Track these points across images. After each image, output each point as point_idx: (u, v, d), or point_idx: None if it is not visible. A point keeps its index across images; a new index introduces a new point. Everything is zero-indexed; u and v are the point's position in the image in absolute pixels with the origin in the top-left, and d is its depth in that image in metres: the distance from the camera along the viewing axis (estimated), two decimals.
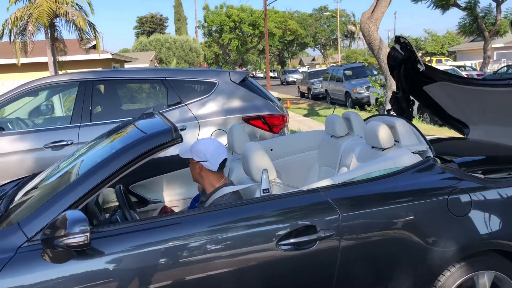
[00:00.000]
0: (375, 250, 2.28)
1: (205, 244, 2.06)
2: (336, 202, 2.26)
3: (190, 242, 2.05)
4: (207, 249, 2.06)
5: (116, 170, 2.06)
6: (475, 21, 19.77)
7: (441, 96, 3.69)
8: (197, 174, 2.64)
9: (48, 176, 2.62)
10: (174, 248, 2.02)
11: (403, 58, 3.51)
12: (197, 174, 2.64)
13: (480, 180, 2.50)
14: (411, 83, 3.67)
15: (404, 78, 3.63)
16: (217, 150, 2.61)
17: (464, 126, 3.89)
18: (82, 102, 4.53)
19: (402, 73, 3.61)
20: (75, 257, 1.90)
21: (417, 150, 2.63)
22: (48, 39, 15.06)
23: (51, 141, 4.34)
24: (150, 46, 39.49)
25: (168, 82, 4.68)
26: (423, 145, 2.68)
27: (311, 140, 3.75)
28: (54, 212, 1.95)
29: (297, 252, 2.15)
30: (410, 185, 2.40)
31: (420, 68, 3.44)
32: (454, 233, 2.38)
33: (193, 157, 2.60)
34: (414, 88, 3.73)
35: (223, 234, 2.10)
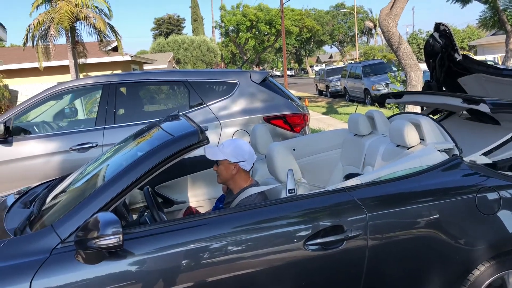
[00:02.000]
0: (403, 249, 2.27)
1: (232, 244, 2.08)
2: (363, 202, 2.26)
3: (218, 243, 2.07)
4: (235, 250, 2.08)
5: (145, 172, 2.10)
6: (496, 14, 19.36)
7: (476, 89, 3.62)
8: (231, 175, 2.65)
9: (78, 179, 2.68)
10: (203, 248, 2.05)
11: (441, 47, 3.47)
12: (231, 175, 2.64)
13: (508, 177, 2.47)
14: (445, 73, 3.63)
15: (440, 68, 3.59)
16: (251, 150, 2.68)
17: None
18: (106, 104, 4.60)
19: (438, 62, 3.56)
20: (107, 258, 1.94)
21: (443, 148, 2.60)
22: (69, 43, 15.32)
23: (77, 144, 4.42)
24: (168, 47, 39.80)
25: (190, 83, 4.72)
26: (449, 143, 2.66)
27: (334, 139, 3.75)
28: (86, 214, 1.99)
29: (325, 252, 2.16)
30: (437, 184, 2.38)
31: (457, 58, 3.38)
32: (483, 232, 2.36)
33: (228, 158, 2.62)
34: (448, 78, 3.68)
35: (249, 235, 2.11)
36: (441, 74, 3.70)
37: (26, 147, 4.43)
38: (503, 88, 3.41)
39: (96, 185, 2.25)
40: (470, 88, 3.72)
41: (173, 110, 4.70)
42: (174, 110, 4.65)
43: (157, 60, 30.21)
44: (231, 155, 2.61)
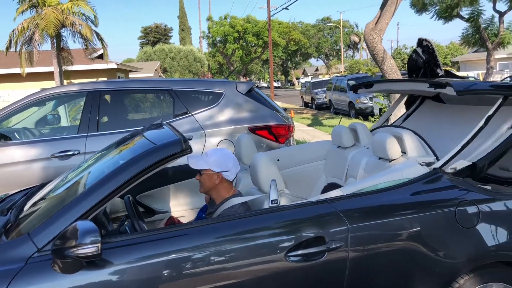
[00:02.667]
0: (383, 261, 2.28)
1: (214, 255, 2.07)
2: (345, 213, 2.26)
3: (199, 253, 2.06)
4: (215, 260, 2.06)
5: (126, 180, 2.07)
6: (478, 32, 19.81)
7: None
8: (213, 185, 2.63)
9: (57, 186, 2.64)
10: (183, 259, 2.03)
11: (424, 62, 3.52)
12: (214, 185, 2.63)
13: (488, 191, 2.50)
14: None
15: None
16: (235, 160, 2.67)
17: None
18: (90, 112, 4.56)
19: (420, 77, 3.61)
20: (85, 267, 1.90)
21: (425, 162, 2.63)
22: (54, 49, 15.18)
23: (58, 151, 4.36)
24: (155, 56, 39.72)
25: (175, 92, 4.71)
26: (431, 157, 2.69)
27: (317, 151, 3.76)
28: (64, 223, 1.96)
29: (306, 263, 2.15)
30: (418, 197, 2.40)
31: (439, 73, 3.44)
32: (462, 245, 2.38)
33: (211, 168, 2.60)
34: None
35: (231, 245, 2.10)
36: None
37: (7, 153, 4.35)
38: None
39: (76, 193, 2.21)
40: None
41: (158, 118, 4.68)
42: (158, 118, 4.63)
43: (143, 68, 30.12)
44: (214, 164, 2.60)
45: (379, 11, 11.40)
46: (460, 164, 2.54)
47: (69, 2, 14.95)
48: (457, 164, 2.54)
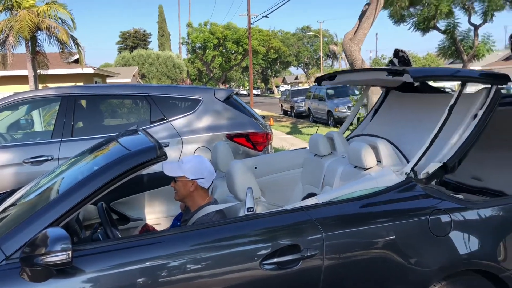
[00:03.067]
0: (357, 269, 2.29)
1: (188, 263, 2.04)
2: (320, 221, 2.27)
3: (173, 261, 2.03)
4: (190, 269, 2.04)
5: (100, 187, 2.04)
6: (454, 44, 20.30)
7: None
8: (188, 192, 2.61)
9: (28, 193, 2.58)
10: (157, 267, 2.00)
11: None
12: (188, 192, 2.60)
13: (460, 201, 2.55)
14: None
15: None
16: (211, 167, 2.65)
17: None
18: (64, 117, 4.47)
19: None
20: (55, 275, 1.85)
21: (399, 170, 2.67)
22: (29, 52, 14.90)
23: (31, 156, 4.26)
24: (133, 61, 39.38)
25: (152, 98, 4.66)
26: (405, 166, 2.72)
27: (295, 159, 3.78)
28: (34, 230, 1.91)
29: (281, 271, 2.15)
30: (392, 205, 2.43)
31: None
32: (435, 253, 2.41)
33: (186, 175, 2.58)
34: None
35: (206, 253, 2.08)
36: None
37: None
38: None
39: (48, 200, 2.16)
40: None
41: (134, 124, 4.63)
42: (135, 124, 4.58)
43: (121, 73, 29.81)
44: (189, 171, 2.57)
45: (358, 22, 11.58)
46: (432, 167, 2.57)
47: (46, 5, 14.73)
48: (429, 168, 2.58)
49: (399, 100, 3.72)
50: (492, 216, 2.56)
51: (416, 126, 3.22)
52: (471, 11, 19.26)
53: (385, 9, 18.01)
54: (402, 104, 3.64)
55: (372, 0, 11.17)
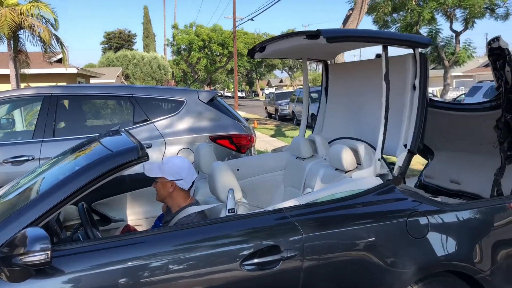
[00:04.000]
0: (337, 271, 2.33)
1: (169, 263, 2.05)
2: (300, 223, 2.30)
3: (154, 262, 2.04)
4: (171, 269, 2.05)
5: (80, 187, 2.03)
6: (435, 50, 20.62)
7: None
8: (168, 193, 2.62)
9: (8, 192, 2.55)
10: (138, 267, 2.00)
11: None
12: (168, 193, 2.61)
13: (437, 203, 2.60)
14: None
15: None
16: (191, 168, 2.64)
17: (429, 151, 4.01)
18: (46, 117, 4.43)
19: None
20: (33, 276, 1.85)
21: (378, 173, 2.71)
22: (11, 51, 14.68)
23: (11, 156, 4.21)
24: (117, 62, 39.08)
25: (135, 99, 4.65)
26: (384, 169, 2.77)
27: (277, 161, 3.80)
28: (13, 229, 1.90)
29: (261, 272, 2.17)
30: (371, 207, 2.47)
31: None
32: (412, 255, 2.46)
33: (165, 176, 2.58)
34: None
35: (187, 254, 2.09)
36: None
37: None
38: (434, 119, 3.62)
39: (27, 199, 2.15)
40: None
41: (117, 125, 4.61)
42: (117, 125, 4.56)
43: (105, 74, 29.58)
44: (168, 172, 2.58)
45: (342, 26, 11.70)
46: (400, 159, 2.64)
47: (28, 4, 14.55)
48: (398, 161, 2.64)
49: (340, 73, 3.76)
50: (469, 219, 2.62)
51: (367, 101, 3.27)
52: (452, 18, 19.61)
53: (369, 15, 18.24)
54: (344, 76, 3.68)
55: (356, 6, 11.31)
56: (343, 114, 3.66)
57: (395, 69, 2.77)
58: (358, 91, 3.43)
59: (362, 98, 3.36)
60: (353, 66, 3.63)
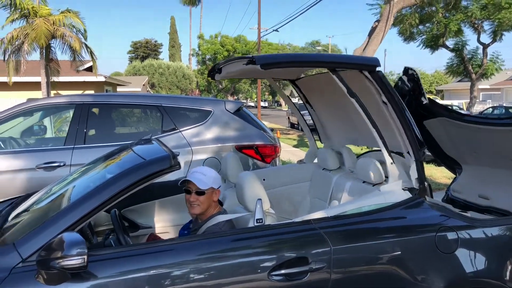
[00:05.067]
0: (364, 284, 2.32)
1: (198, 272, 2.08)
2: (328, 235, 2.30)
3: (184, 269, 2.07)
4: (200, 277, 2.08)
5: (115, 194, 2.09)
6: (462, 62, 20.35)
7: (439, 132, 3.77)
8: (211, 203, 2.64)
9: (43, 197, 2.64)
10: (168, 274, 2.04)
11: (409, 90, 3.60)
12: (211, 202, 2.64)
13: (467, 218, 2.57)
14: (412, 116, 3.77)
15: None
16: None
17: (457, 165, 3.95)
18: (77, 124, 4.56)
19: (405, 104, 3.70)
20: (69, 279, 1.90)
21: (407, 187, 2.70)
22: (43, 59, 15.13)
23: (44, 162, 4.34)
24: (143, 71, 39.76)
25: (164, 108, 4.74)
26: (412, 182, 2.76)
27: (303, 172, 3.82)
28: (50, 234, 1.97)
29: (289, 283, 2.18)
30: (400, 221, 2.46)
31: (423, 101, 3.52)
32: (441, 270, 2.43)
33: (213, 186, 2.62)
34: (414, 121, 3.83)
35: (216, 263, 2.12)
36: None
37: None
38: (463, 132, 3.58)
39: (62, 205, 2.22)
40: (434, 131, 3.88)
41: (145, 133, 4.70)
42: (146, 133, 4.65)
43: (132, 83, 30.09)
44: (214, 182, 2.63)
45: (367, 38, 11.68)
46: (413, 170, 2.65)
47: (61, 14, 15.00)
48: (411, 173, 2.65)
49: (311, 85, 3.70)
50: (499, 235, 2.58)
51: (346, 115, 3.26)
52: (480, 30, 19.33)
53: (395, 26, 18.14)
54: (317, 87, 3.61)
55: (382, 18, 11.28)
56: (339, 117, 3.60)
57: (362, 84, 2.69)
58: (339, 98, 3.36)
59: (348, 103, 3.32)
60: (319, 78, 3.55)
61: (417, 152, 2.63)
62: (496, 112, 21.32)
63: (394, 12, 11.41)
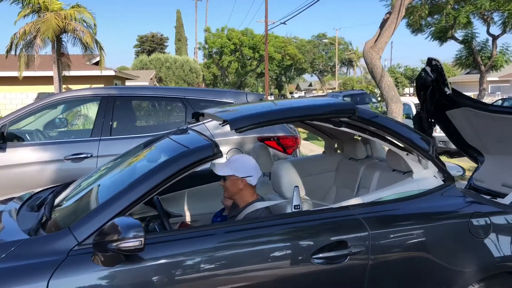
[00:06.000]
0: (400, 267, 2.39)
1: (244, 255, 2.16)
2: (366, 220, 2.38)
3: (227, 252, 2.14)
4: (243, 262, 2.15)
5: (162, 180, 2.17)
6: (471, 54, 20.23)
7: (462, 122, 3.81)
8: (238, 190, 2.72)
9: (87, 184, 2.73)
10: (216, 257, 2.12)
11: (432, 80, 3.65)
12: (238, 189, 2.72)
13: (499, 205, 2.64)
14: (435, 106, 3.81)
15: (430, 100, 3.77)
16: (257, 165, 2.75)
17: (479, 154, 4.00)
18: (103, 116, 4.65)
19: (428, 95, 3.74)
20: (123, 262, 1.99)
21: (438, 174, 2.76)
22: (55, 54, 15.24)
23: (72, 153, 4.44)
24: (150, 65, 39.85)
25: (187, 100, 4.82)
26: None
27: (329, 162, 3.88)
28: (104, 218, 2.05)
29: (329, 266, 2.26)
30: (434, 207, 2.53)
31: (446, 92, 3.57)
32: (474, 255, 2.50)
33: (235, 173, 2.70)
34: (437, 111, 3.87)
35: (260, 246, 2.20)
36: (431, 106, 3.89)
37: (20, 154, 4.42)
38: (487, 122, 3.62)
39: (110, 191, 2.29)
40: (457, 121, 3.93)
41: (170, 125, 4.78)
42: (170, 125, 4.73)
43: (140, 77, 30.19)
44: (237, 170, 2.70)
45: (379, 30, 11.65)
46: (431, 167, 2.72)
47: (72, 8, 15.08)
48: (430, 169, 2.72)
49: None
50: None
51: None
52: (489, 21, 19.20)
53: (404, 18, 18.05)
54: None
55: (394, 10, 11.26)
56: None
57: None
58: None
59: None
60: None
61: (426, 153, 2.66)
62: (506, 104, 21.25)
63: (406, 3, 11.39)
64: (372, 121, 2.57)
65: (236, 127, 2.32)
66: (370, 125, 2.59)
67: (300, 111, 2.59)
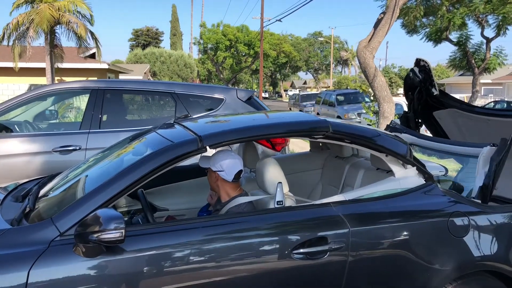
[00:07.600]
0: (379, 265, 2.43)
1: (224, 249, 2.19)
2: (347, 217, 2.41)
3: (207, 246, 2.17)
4: (224, 255, 2.18)
5: (146, 173, 2.19)
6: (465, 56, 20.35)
7: (448, 122, 3.87)
8: (214, 183, 2.81)
9: (72, 176, 2.74)
10: (198, 250, 2.14)
11: (420, 81, 3.69)
12: (214, 182, 2.80)
13: (478, 205, 2.68)
14: (422, 106, 3.85)
15: (418, 100, 3.81)
16: (233, 162, 2.75)
17: None
18: (93, 109, 4.65)
19: (416, 95, 3.78)
20: (104, 253, 2.01)
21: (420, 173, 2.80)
22: (48, 45, 15.15)
23: (60, 145, 4.44)
24: (145, 59, 39.71)
25: (177, 95, 4.83)
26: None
27: (315, 160, 3.91)
28: (86, 209, 2.07)
29: (309, 261, 2.29)
30: (415, 206, 2.57)
31: (434, 92, 3.61)
32: (452, 253, 2.55)
33: (210, 167, 2.75)
34: (424, 111, 3.91)
35: (240, 241, 2.23)
36: (418, 106, 3.94)
37: (8, 145, 4.41)
38: (472, 124, 3.68)
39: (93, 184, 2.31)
40: (444, 122, 3.98)
41: (159, 119, 4.79)
42: (159, 119, 4.74)
43: (133, 70, 30.08)
44: (213, 164, 2.74)
45: (373, 30, 11.69)
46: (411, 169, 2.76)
47: (66, 0, 14.99)
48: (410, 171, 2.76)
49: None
50: (509, 221, 2.70)
51: None
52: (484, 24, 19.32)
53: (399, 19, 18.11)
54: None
55: (388, 10, 11.30)
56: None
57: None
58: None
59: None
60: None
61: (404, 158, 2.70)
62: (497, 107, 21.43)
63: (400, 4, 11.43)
64: (347, 134, 2.62)
65: (209, 144, 2.35)
66: (345, 138, 2.64)
67: (280, 128, 2.67)
